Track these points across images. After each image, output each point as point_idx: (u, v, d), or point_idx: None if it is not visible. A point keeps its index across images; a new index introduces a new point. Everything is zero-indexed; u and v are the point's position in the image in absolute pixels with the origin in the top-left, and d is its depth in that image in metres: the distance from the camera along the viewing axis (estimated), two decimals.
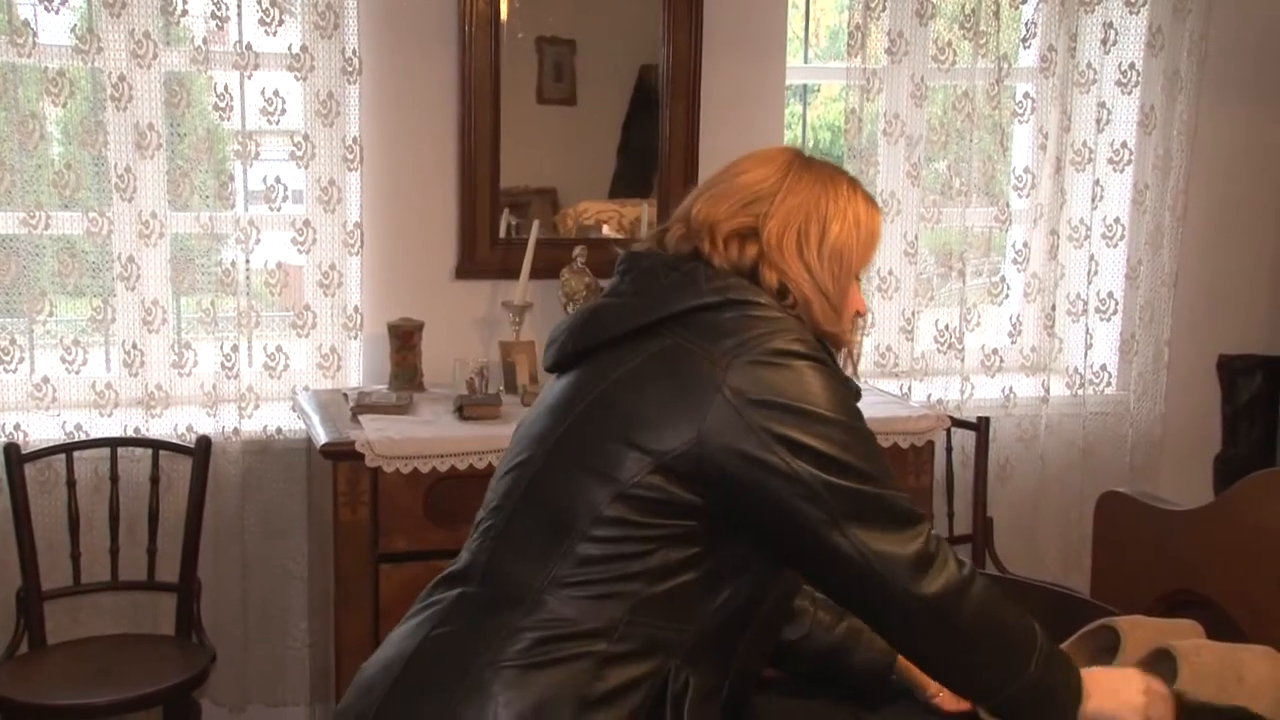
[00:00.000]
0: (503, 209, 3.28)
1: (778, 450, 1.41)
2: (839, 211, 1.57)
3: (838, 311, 1.56)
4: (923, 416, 3.00)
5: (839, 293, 1.56)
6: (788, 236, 1.54)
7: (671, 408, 1.43)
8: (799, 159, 1.61)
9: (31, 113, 2.90)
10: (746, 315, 1.47)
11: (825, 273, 1.55)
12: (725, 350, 1.44)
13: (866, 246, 1.58)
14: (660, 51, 3.31)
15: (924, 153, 3.49)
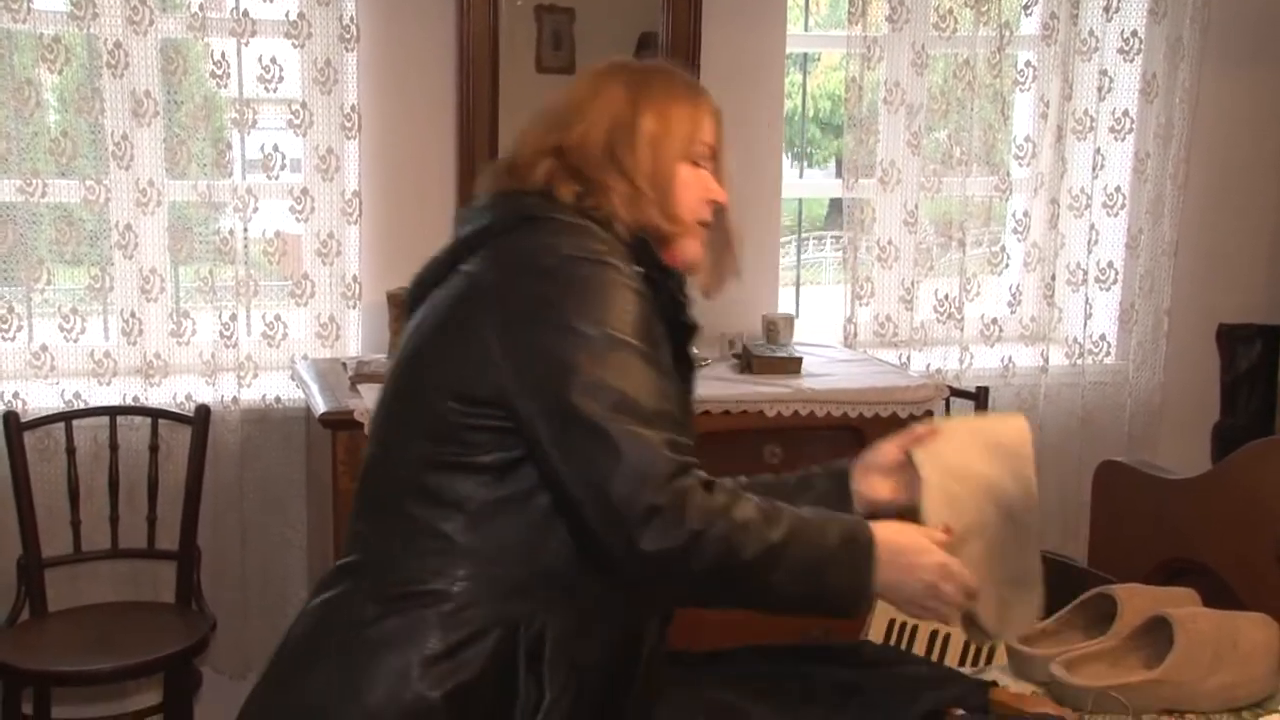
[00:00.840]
0: None
1: (534, 364, 1.40)
2: (649, 104, 1.59)
3: (665, 205, 1.57)
4: (921, 386, 3.00)
5: (662, 185, 1.57)
6: (590, 143, 1.56)
7: (459, 342, 1.45)
8: (613, 67, 1.66)
9: (27, 79, 2.89)
10: (532, 233, 1.49)
11: (643, 169, 1.56)
12: (503, 271, 1.47)
13: (683, 134, 1.60)
14: (660, 19, 3.29)
15: (924, 121, 3.48)
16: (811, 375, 3.05)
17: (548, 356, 1.39)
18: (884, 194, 3.49)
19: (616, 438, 1.35)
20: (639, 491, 1.35)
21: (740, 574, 1.39)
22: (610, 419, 1.36)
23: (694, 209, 1.61)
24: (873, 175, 3.49)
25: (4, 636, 2.78)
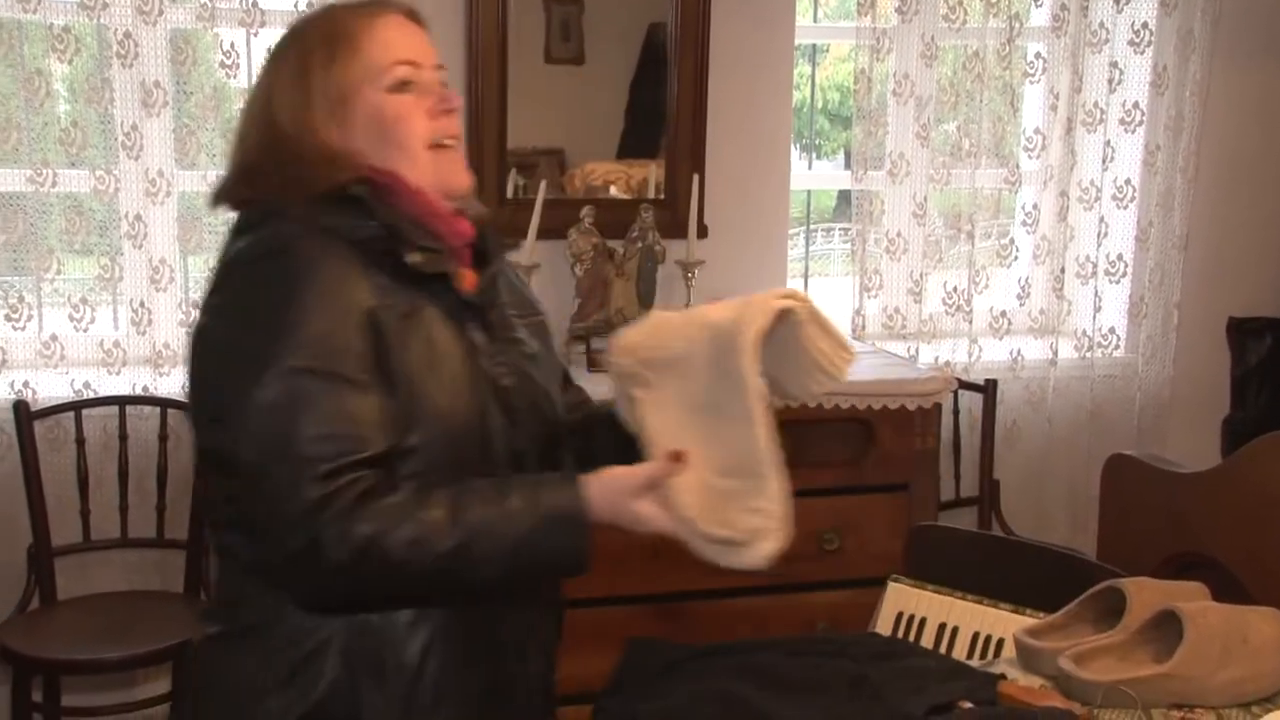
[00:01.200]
0: (510, 169, 3.26)
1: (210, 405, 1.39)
2: (314, 59, 1.46)
3: (380, 151, 1.45)
4: (930, 378, 2.99)
5: (370, 131, 1.46)
6: (250, 132, 1.49)
7: (190, 368, 1.44)
8: (281, 40, 1.54)
9: (37, 69, 2.89)
10: (232, 245, 1.44)
11: (320, 122, 1.44)
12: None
13: (360, 70, 1.45)
14: (669, 9, 3.28)
15: (934, 113, 3.47)
16: None
17: (219, 395, 1.37)
18: (893, 186, 3.49)
19: (260, 483, 1.31)
20: (280, 540, 1.31)
21: (420, 585, 1.34)
22: (258, 464, 1.31)
23: (422, 134, 1.47)
24: (882, 167, 3.48)
25: (14, 625, 2.79)
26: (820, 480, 2.94)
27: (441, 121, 1.49)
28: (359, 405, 1.32)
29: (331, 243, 1.39)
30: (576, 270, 3.19)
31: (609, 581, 2.81)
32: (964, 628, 1.86)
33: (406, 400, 1.37)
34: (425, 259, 1.42)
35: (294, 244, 1.38)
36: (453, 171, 1.50)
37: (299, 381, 1.31)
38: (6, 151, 2.91)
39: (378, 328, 1.36)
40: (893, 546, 2.80)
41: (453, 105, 1.50)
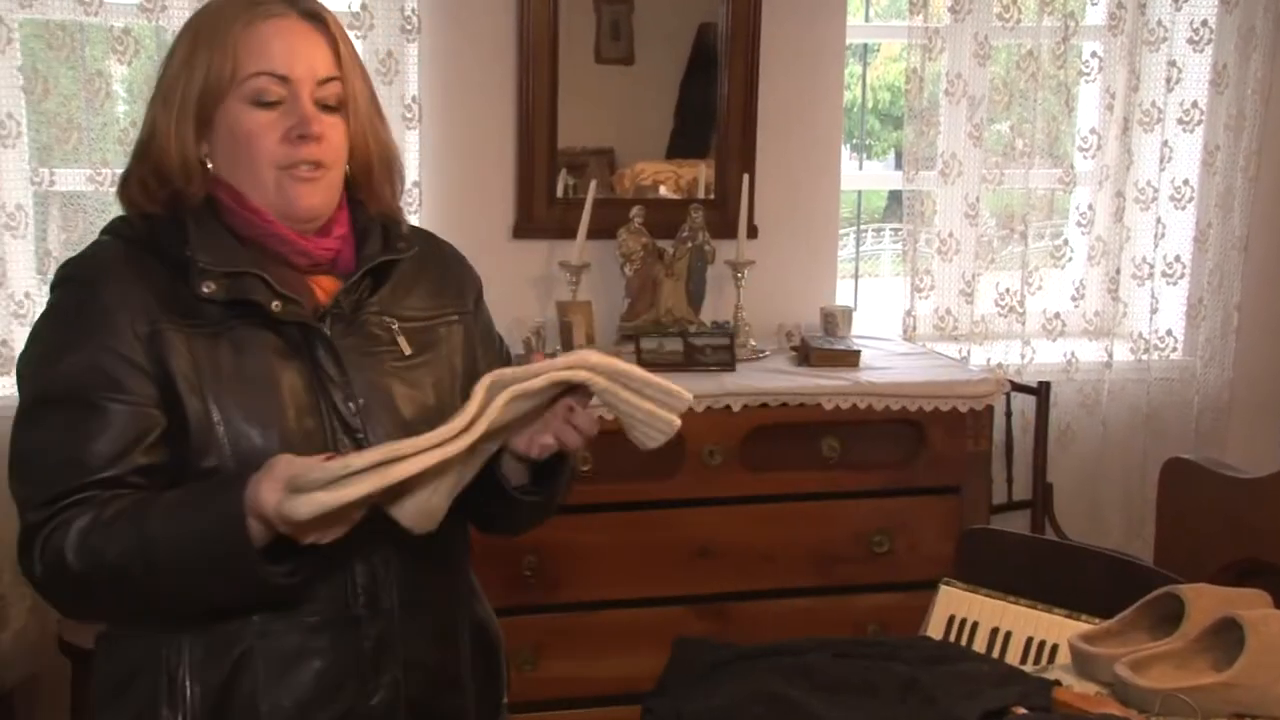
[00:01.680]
0: (560, 169, 3.27)
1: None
2: (177, 63, 1.43)
3: (233, 170, 1.43)
4: (982, 380, 2.96)
5: (209, 137, 1.43)
6: (145, 126, 1.48)
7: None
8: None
9: (98, 71, 2.93)
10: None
11: (183, 128, 1.42)
12: None
13: (214, 77, 1.40)
14: (720, 9, 3.27)
15: (986, 113, 3.43)
16: (870, 368, 3.03)
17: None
18: (945, 186, 3.46)
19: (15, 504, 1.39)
20: (17, 558, 1.38)
21: (108, 591, 1.35)
22: (10, 485, 1.39)
23: (271, 156, 1.42)
24: (933, 167, 3.45)
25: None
26: (869, 482, 2.92)
27: (295, 146, 1.42)
28: (97, 433, 1.35)
29: (128, 266, 1.41)
30: (626, 270, 3.19)
31: (656, 582, 2.82)
32: (1017, 632, 1.84)
33: (202, 423, 1.38)
34: (220, 288, 1.40)
35: (81, 271, 1.43)
36: (297, 196, 1.43)
37: (40, 412, 1.37)
38: (67, 151, 2.96)
39: (160, 353, 1.38)
40: (944, 549, 2.78)
41: (308, 132, 1.41)
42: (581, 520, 2.75)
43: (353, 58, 1.48)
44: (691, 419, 2.77)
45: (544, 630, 2.79)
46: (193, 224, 1.43)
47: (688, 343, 2.98)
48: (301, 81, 1.42)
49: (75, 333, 1.39)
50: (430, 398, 1.51)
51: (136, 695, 1.44)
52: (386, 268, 1.54)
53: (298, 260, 1.47)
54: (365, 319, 1.50)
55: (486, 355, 1.65)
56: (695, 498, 2.82)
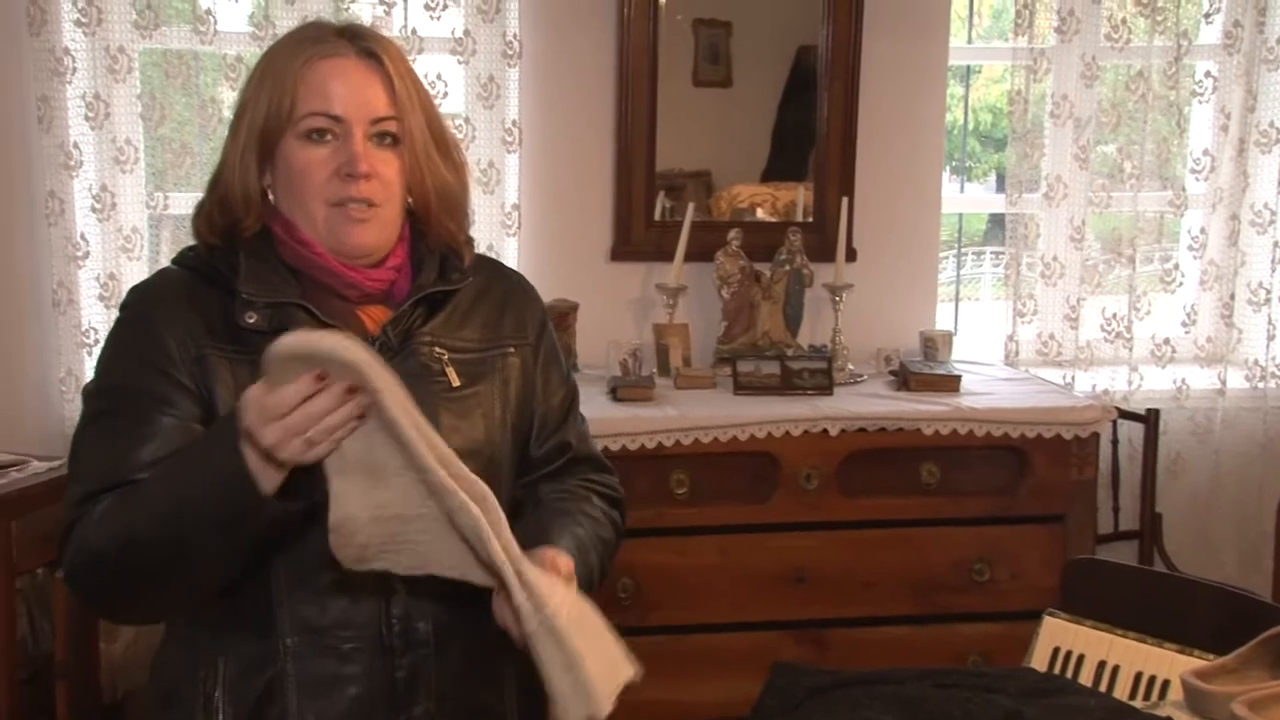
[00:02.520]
0: (658, 191, 3.28)
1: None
2: (247, 96, 1.48)
3: (289, 201, 1.46)
4: (1087, 407, 2.90)
5: (273, 170, 1.47)
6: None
7: None
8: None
9: (211, 98, 3.02)
10: None
11: (247, 161, 1.46)
12: None
13: (268, 112, 1.44)
14: (820, 32, 3.26)
15: (1093, 135, 3.36)
16: (971, 393, 2.98)
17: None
18: (1049, 209, 3.40)
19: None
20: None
21: (128, 568, 1.37)
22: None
23: (322, 191, 1.45)
24: (1037, 190, 3.40)
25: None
26: (970, 509, 2.87)
27: (344, 183, 1.45)
28: (140, 442, 1.40)
29: (183, 294, 1.47)
30: (723, 293, 3.19)
31: (752, 606, 2.80)
32: (1125, 666, 1.79)
33: None
34: (262, 318, 1.44)
35: (139, 298, 1.50)
36: (348, 234, 1.46)
37: (92, 423, 1.45)
38: (180, 176, 3.06)
39: (204, 377, 1.43)
40: (1047, 579, 2.71)
41: (356, 170, 1.44)
42: (677, 543, 2.75)
43: (411, 94, 1.49)
44: (788, 443, 2.76)
45: (639, 653, 2.76)
46: (244, 255, 1.48)
47: (785, 366, 2.96)
48: (354, 121, 1.45)
49: (129, 354, 1.45)
50: (479, 430, 1.51)
51: (177, 711, 1.47)
52: (441, 298, 1.55)
53: (346, 292, 1.50)
54: (414, 349, 1.51)
55: (547, 387, 1.63)
56: (791, 522, 2.80)
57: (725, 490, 2.78)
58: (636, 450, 2.69)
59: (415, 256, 1.56)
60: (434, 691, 1.47)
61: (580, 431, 1.67)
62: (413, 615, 1.45)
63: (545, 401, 1.62)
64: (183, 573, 1.37)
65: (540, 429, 1.61)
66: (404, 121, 1.48)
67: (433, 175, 1.51)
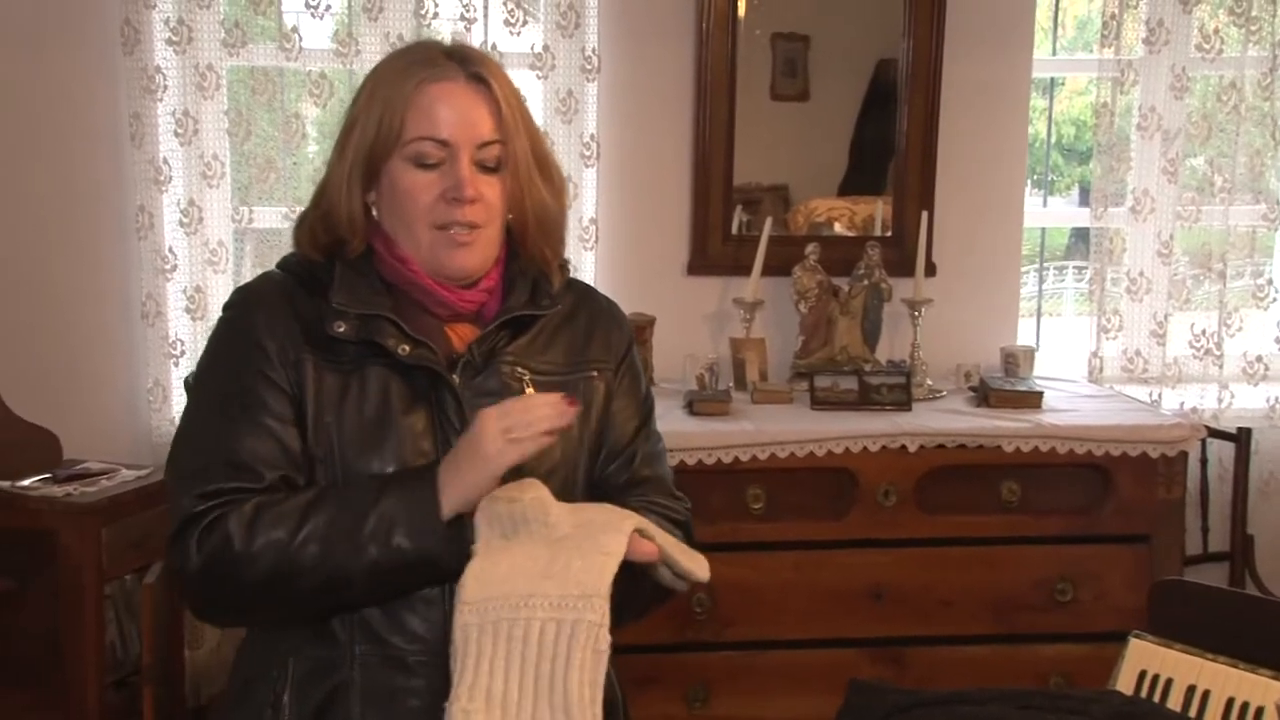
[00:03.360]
0: (735, 205, 3.28)
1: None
2: (353, 119, 1.50)
3: (394, 221, 1.49)
4: (1175, 425, 2.83)
5: (377, 189, 1.50)
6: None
7: None
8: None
9: (295, 113, 3.08)
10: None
11: (352, 180, 1.49)
12: None
13: (376, 135, 1.46)
14: (900, 45, 3.24)
15: (1182, 148, 3.30)
16: (1053, 410, 2.93)
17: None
18: (1135, 223, 3.33)
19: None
20: (169, 551, 1.43)
21: (272, 582, 1.39)
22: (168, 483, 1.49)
23: (426, 214, 1.47)
24: (1123, 203, 3.33)
25: None
26: (1052, 528, 2.82)
27: (450, 207, 1.47)
28: (247, 438, 1.43)
29: (283, 298, 1.50)
30: (801, 307, 3.17)
31: (828, 623, 2.78)
32: (1217, 692, 1.74)
33: (316, 453, 1.45)
34: (351, 328, 1.46)
35: (241, 298, 1.53)
36: (450, 257, 1.49)
37: (197, 418, 1.48)
38: (265, 190, 3.11)
39: (299, 380, 1.46)
40: (1132, 600, 2.66)
41: (462, 195, 1.46)
42: (753, 559, 2.73)
43: (516, 118, 1.50)
44: (866, 459, 2.74)
45: (715, 668, 2.77)
46: (341, 265, 1.51)
47: (863, 381, 2.93)
48: (461, 145, 1.46)
49: (232, 354, 1.49)
50: (556, 452, 1.51)
51: (248, 707, 1.50)
52: (528, 320, 1.56)
53: (437, 310, 1.52)
54: (497, 368, 1.53)
55: (625, 410, 1.63)
56: (869, 539, 2.77)
57: (802, 506, 2.76)
58: (713, 465, 2.68)
59: (508, 276, 1.57)
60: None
61: (649, 453, 1.66)
62: None
63: (622, 427, 1.63)
64: (331, 606, 1.43)
65: (615, 455, 1.62)
66: (508, 145, 1.49)
67: (533, 198, 1.53)
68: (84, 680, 2.73)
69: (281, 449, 1.44)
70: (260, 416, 1.44)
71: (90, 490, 2.76)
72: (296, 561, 1.37)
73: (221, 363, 1.50)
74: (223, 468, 1.42)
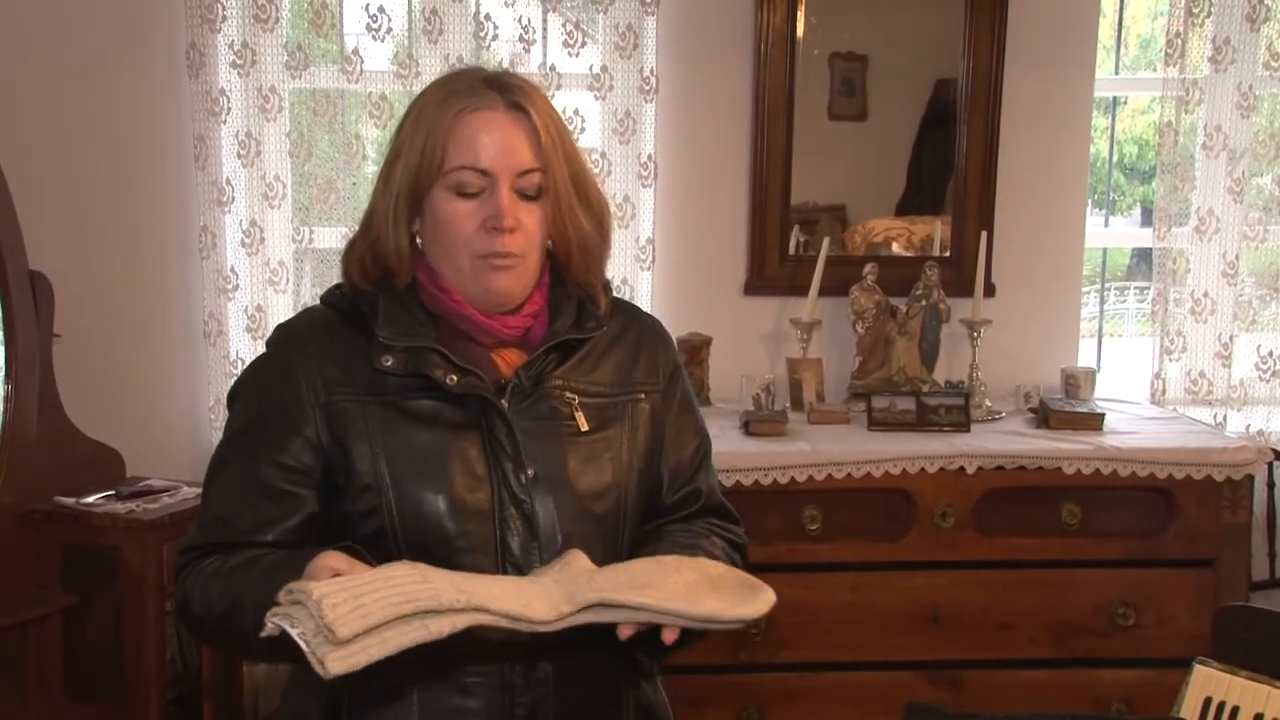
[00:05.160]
0: (792, 226, 3.27)
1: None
2: (399, 141, 1.50)
3: (395, 246, 1.49)
4: (1240, 448, 2.78)
5: (421, 218, 1.50)
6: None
7: None
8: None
9: (356, 134, 3.12)
10: None
11: (397, 210, 1.49)
12: None
13: (418, 163, 1.46)
14: (960, 64, 3.22)
15: (1248, 167, 3.25)
16: (1115, 432, 2.88)
17: None
18: (1200, 243, 3.28)
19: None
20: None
21: (218, 636, 1.46)
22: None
23: (467, 244, 1.47)
24: (1187, 223, 3.29)
25: None
26: (1113, 551, 2.78)
27: (491, 236, 1.46)
28: (251, 500, 1.45)
29: (323, 335, 1.51)
30: (858, 328, 3.15)
31: (885, 645, 2.75)
32: None
33: (370, 487, 1.45)
34: (398, 361, 1.46)
35: (280, 336, 1.54)
36: (491, 281, 1.48)
37: (220, 459, 1.51)
38: (324, 211, 3.16)
39: (332, 423, 1.46)
40: (1196, 626, 2.62)
41: (502, 225, 1.45)
42: (809, 579, 2.72)
43: (556, 145, 1.50)
44: (924, 480, 2.72)
45: (770, 690, 2.75)
46: (384, 298, 1.51)
47: (920, 402, 2.91)
48: (501, 174, 1.46)
49: (262, 391, 1.50)
50: (607, 474, 1.51)
51: (307, 693, 1.50)
52: (575, 343, 1.56)
53: (482, 338, 1.53)
54: (546, 392, 1.52)
55: (681, 437, 1.63)
56: (926, 561, 2.75)
57: (858, 527, 2.74)
58: (769, 485, 2.67)
59: (553, 301, 1.58)
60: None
61: (712, 484, 1.66)
62: (536, 654, 1.46)
63: (678, 452, 1.62)
64: (273, 661, 1.45)
65: (673, 479, 1.61)
66: (548, 173, 1.49)
67: (574, 225, 1.53)
68: (146, 695, 2.77)
69: (283, 515, 1.45)
70: (275, 472, 1.46)
71: (153, 507, 2.80)
72: (226, 628, 1.41)
73: (251, 406, 1.51)
74: (218, 525, 1.47)
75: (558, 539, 1.45)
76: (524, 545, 1.44)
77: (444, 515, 1.42)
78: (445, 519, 1.41)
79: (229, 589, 1.40)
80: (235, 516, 1.46)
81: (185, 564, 1.47)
